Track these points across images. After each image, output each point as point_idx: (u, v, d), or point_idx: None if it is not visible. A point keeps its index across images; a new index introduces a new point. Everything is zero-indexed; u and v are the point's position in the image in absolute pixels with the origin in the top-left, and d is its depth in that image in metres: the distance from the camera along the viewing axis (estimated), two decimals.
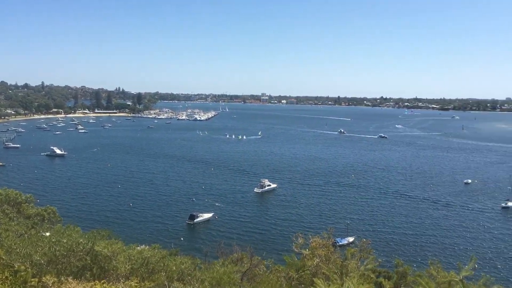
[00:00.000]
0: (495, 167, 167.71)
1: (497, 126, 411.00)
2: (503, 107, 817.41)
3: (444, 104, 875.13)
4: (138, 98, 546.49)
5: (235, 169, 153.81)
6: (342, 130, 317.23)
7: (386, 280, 16.05)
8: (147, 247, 21.79)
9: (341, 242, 75.66)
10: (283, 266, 20.21)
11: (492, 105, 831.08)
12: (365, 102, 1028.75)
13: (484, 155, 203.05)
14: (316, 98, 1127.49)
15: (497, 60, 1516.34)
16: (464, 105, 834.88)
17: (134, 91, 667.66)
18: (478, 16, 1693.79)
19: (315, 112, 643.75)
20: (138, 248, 20.78)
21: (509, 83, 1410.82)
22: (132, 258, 16.19)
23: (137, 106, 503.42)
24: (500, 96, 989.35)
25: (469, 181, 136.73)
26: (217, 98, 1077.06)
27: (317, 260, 15.95)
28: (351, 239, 78.44)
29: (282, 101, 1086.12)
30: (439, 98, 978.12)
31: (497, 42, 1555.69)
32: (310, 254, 16.79)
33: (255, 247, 49.97)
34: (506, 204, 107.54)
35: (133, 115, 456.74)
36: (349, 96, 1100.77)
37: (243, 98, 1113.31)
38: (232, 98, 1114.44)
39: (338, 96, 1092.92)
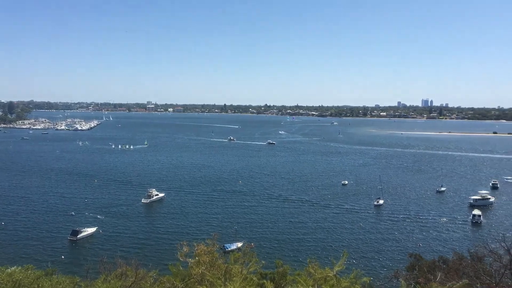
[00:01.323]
0: (367, 169, 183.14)
1: (368, 131, 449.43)
2: (372, 113, 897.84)
3: (322, 111, 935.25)
4: (10, 107, 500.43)
5: (120, 180, 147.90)
6: (231, 138, 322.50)
7: (268, 281, 16.86)
8: (19, 268, 20.08)
9: (229, 247, 76.75)
10: (170, 276, 20.08)
11: (363, 112, 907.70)
12: (250, 109, 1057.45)
13: (358, 158, 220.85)
14: (203, 106, 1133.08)
15: (366, 71, 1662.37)
16: (340, 112, 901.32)
17: (4, 99, 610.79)
18: (340, 29, 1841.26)
19: (202, 120, 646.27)
20: (8, 270, 19.07)
21: (377, 92, 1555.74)
22: (1, 281, 14.87)
23: (9, 115, 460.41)
24: (370, 103, 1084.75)
25: (346, 182, 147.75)
26: (100, 106, 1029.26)
27: (202, 267, 16.17)
28: (239, 244, 79.84)
29: (169, 109, 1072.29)
30: (318, 105, 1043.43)
31: (366, 53, 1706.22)
32: (195, 262, 16.96)
33: (141, 259, 48.73)
34: (377, 202, 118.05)
35: (4, 125, 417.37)
36: (235, 103, 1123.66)
37: (128, 107, 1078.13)
38: (116, 106, 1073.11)
39: (225, 104, 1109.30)
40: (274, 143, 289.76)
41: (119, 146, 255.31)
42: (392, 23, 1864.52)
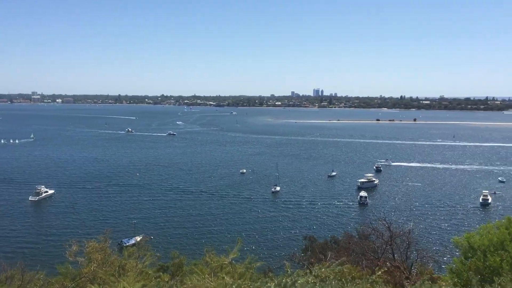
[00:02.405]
0: (264, 157, 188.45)
1: (264, 120, 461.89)
2: (268, 103, 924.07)
3: (220, 101, 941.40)
4: None
5: (1, 179, 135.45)
6: (129, 129, 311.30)
7: (165, 273, 16.64)
8: None
9: (128, 242, 74.42)
10: (59, 277, 18.95)
11: (259, 101, 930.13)
12: (146, 100, 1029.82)
13: (255, 146, 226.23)
14: (96, 96, 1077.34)
15: (261, 62, 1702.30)
16: (237, 102, 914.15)
17: None
18: (237, 21, 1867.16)
19: (95, 112, 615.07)
20: None
21: (271, 82, 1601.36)
22: None
23: None
24: (266, 93, 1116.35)
25: (244, 170, 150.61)
26: None
27: (94, 265, 15.50)
28: (138, 238, 77.66)
29: (57, 100, 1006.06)
30: (215, 95, 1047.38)
31: (261, 45, 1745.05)
32: (86, 260, 16.19)
33: (28, 262, 45.26)
34: (274, 189, 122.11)
35: None
36: (130, 94, 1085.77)
37: (10, 98, 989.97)
38: None
39: (119, 95, 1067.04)
40: (174, 134, 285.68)
41: (1, 141, 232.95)
42: (282, 15, 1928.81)
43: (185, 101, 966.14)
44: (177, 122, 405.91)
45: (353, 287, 5.70)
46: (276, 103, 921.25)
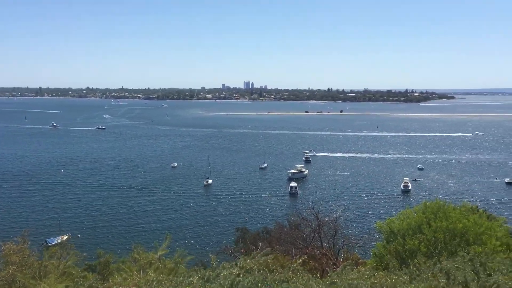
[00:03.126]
0: (195, 150, 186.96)
1: (195, 113, 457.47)
2: (199, 96, 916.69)
3: (149, 94, 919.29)
4: None
5: None
6: (54, 124, 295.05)
7: (90, 272, 16.01)
8: None
9: (53, 242, 70.93)
10: None
11: (190, 94, 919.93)
12: (70, 93, 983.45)
13: (187, 139, 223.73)
14: (14, 89, 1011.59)
15: (191, 54, 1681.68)
16: (167, 94, 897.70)
17: None
18: (164, 12, 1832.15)
19: (13, 105, 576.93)
20: None
21: (202, 74, 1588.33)
22: None
23: None
24: (196, 86, 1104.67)
25: (175, 164, 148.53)
26: None
27: (12, 268, 14.56)
28: (64, 237, 74.59)
29: None
30: (144, 88, 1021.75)
31: (191, 35, 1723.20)
32: (3, 263, 15.17)
33: None
34: (206, 182, 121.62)
35: None
36: (52, 87, 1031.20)
37: None
38: None
39: (40, 87, 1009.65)
40: (104, 128, 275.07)
41: None
42: (211, 7, 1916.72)
43: (112, 94, 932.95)
44: (104, 116, 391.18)
45: (275, 277, 5.78)
46: (207, 95, 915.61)
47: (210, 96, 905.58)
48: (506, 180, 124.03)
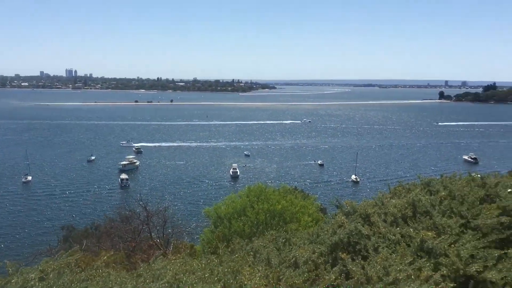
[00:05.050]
0: (9, 144, 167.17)
1: (8, 103, 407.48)
2: (13, 84, 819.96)
3: None
4: None
5: None
6: None
7: None
8: None
9: None
10: None
11: (1, 82, 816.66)
12: None
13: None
14: None
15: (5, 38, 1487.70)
16: None
17: None
18: None
19: None
20: None
21: (17, 60, 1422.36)
22: None
23: None
24: (9, 73, 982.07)
25: None
26: None
27: None
28: None
29: None
30: None
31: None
32: None
33: None
34: (25, 179, 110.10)
35: None
36: None
37: None
38: None
39: None
40: None
41: None
42: None
43: None
44: None
45: (75, 277, 5.57)
46: (22, 84, 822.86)
47: (27, 84, 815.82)
48: (319, 162, 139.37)
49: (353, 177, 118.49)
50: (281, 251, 7.14)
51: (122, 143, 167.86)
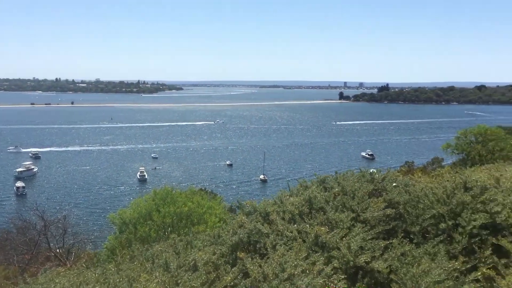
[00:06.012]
0: None
1: None
2: None
3: None
4: None
5: None
6: None
7: None
8: None
9: None
10: None
11: None
12: None
13: None
14: None
15: None
16: None
17: None
18: None
19: None
20: None
21: None
22: None
23: None
24: None
25: None
26: None
27: None
28: None
29: None
30: None
31: None
32: None
33: None
34: None
35: None
36: None
37: None
38: None
39: None
40: None
41: None
42: None
43: None
44: None
45: None
46: None
47: None
48: (228, 162, 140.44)
49: (262, 176, 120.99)
50: (180, 255, 7.07)
51: (10, 149, 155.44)
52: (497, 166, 11.52)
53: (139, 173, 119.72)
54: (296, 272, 5.88)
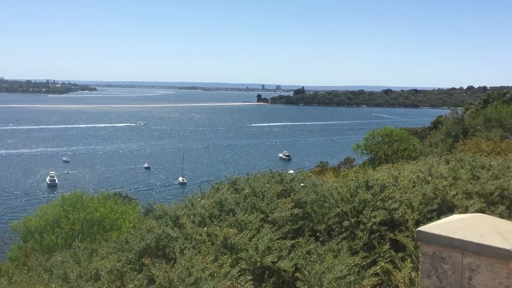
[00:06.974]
0: None
1: None
2: None
3: None
4: None
5: None
6: None
7: None
8: None
9: None
10: None
11: None
12: None
13: None
14: None
15: None
16: None
17: None
18: None
19: None
20: None
21: None
22: None
23: None
24: None
25: None
26: None
27: None
28: None
29: None
30: None
31: None
32: None
33: None
34: None
35: None
36: None
37: None
38: None
39: None
40: None
41: None
42: None
43: None
44: None
45: None
46: None
47: None
48: (145, 165, 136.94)
49: (180, 179, 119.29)
50: (81, 264, 6.71)
51: None
52: (397, 165, 12.30)
53: (48, 177, 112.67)
54: (203, 276, 5.82)
